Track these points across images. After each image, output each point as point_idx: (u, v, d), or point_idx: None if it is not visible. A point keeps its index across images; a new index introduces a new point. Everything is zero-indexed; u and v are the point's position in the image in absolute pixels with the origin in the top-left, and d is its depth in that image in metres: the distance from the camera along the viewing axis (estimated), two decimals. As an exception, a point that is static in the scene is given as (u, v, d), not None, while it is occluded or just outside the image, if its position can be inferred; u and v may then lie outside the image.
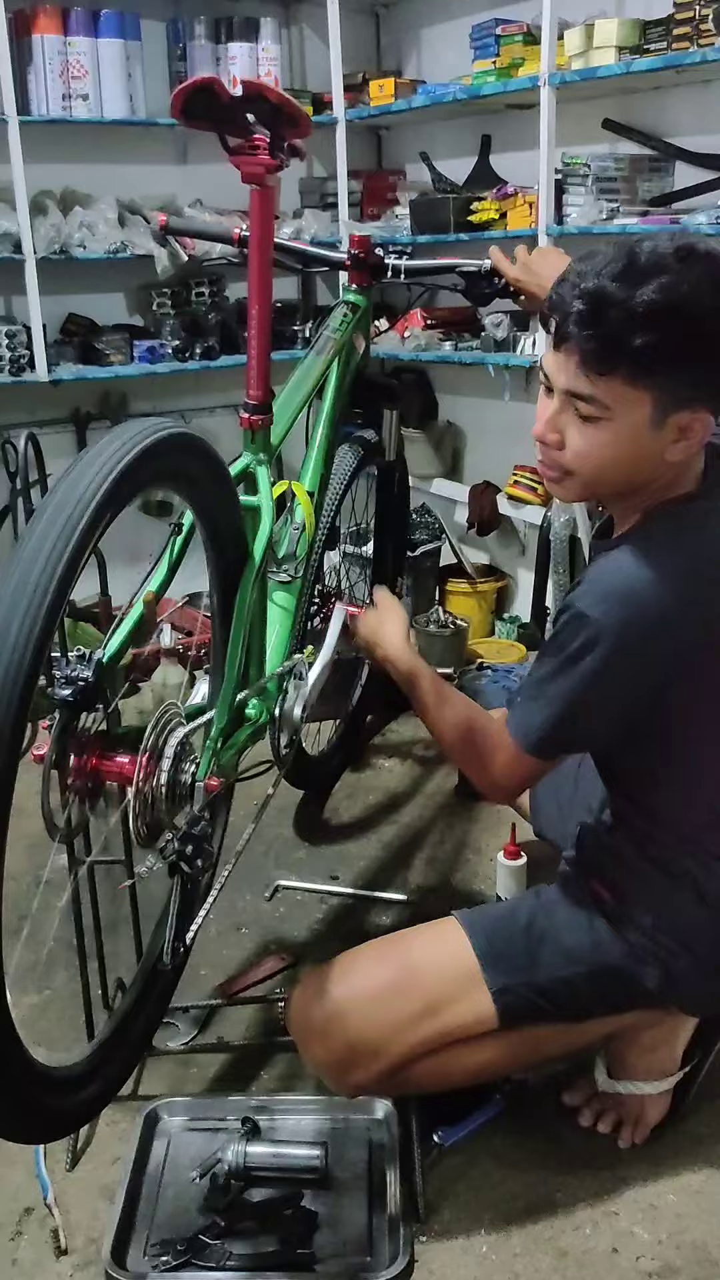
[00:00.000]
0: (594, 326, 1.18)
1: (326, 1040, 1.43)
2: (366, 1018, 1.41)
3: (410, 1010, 1.40)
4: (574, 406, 1.25)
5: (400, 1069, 1.42)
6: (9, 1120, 1.13)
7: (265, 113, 1.38)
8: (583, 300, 1.18)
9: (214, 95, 1.36)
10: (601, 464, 1.27)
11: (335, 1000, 1.43)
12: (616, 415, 1.22)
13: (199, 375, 3.44)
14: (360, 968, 1.47)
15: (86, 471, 1.03)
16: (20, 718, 0.94)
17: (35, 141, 3.01)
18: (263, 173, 1.43)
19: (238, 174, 1.46)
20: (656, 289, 1.15)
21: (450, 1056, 1.42)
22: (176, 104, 1.38)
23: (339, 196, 3.51)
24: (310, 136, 1.45)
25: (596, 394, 1.21)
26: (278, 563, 1.84)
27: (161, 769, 1.28)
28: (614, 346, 1.17)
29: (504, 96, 2.92)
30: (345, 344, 2.05)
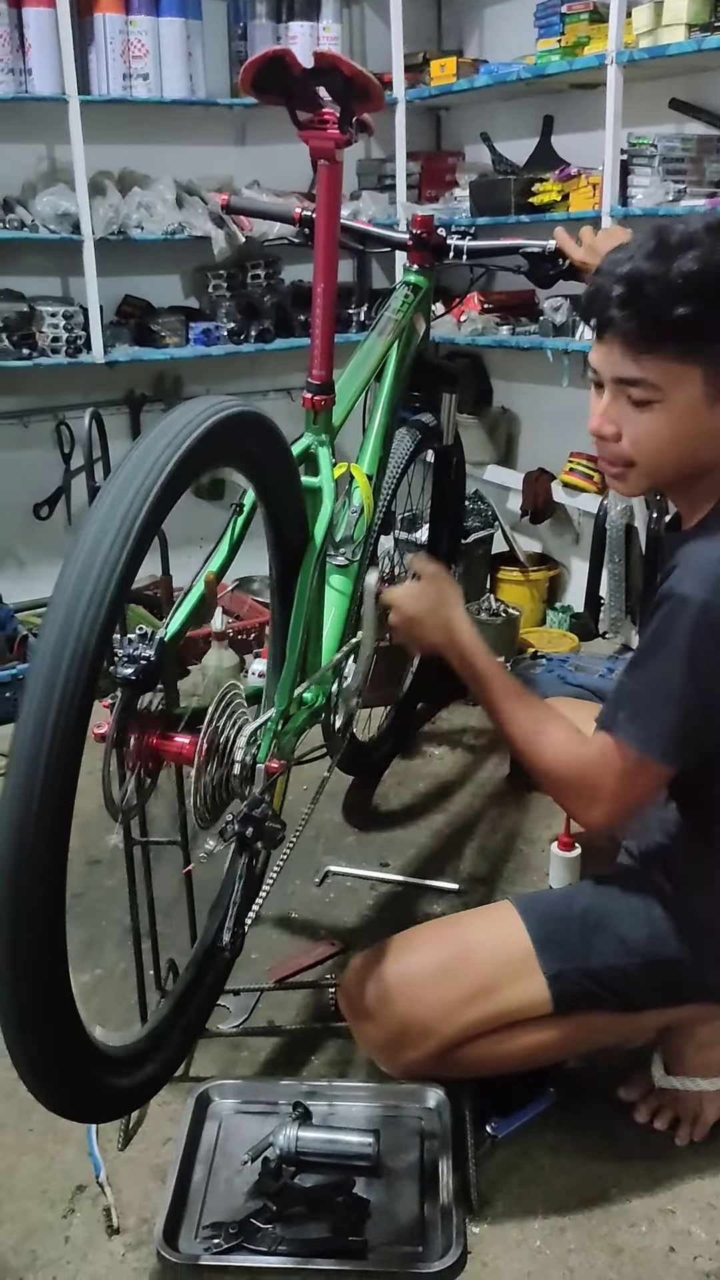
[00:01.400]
0: (633, 305, 1.18)
1: (380, 1019, 1.43)
2: (420, 997, 1.40)
3: (464, 991, 1.39)
4: (626, 395, 1.24)
5: (452, 1050, 1.42)
6: (71, 1098, 1.13)
7: (337, 86, 1.36)
8: (620, 284, 1.19)
9: (285, 68, 1.34)
10: (661, 449, 1.25)
11: (389, 980, 1.42)
12: (669, 395, 1.22)
13: (253, 358, 3.43)
14: (415, 948, 1.46)
15: (154, 448, 1.02)
16: (87, 698, 0.94)
17: (95, 121, 3.01)
18: (332, 147, 1.41)
19: (295, 155, 1.44)
20: (692, 259, 1.16)
21: (503, 1039, 1.42)
22: (247, 77, 1.37)
23: (397, 178, 3.47)
24: (382, 110, 1.43)
25: (646, 375, 1.21)
26: (335, 546, 1.83)
27: (223, 750, 1.27)
28: (656, 322, 1.18)
29: (568, 76, 2.87)
30: (406, 326, 2.02)
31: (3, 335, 3.00)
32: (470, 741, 2.69)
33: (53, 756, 0.92)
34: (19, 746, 0.93)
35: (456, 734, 2.73)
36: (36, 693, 0.92)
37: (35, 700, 0.92)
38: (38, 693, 0.92)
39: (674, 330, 1.18)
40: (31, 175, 3.14)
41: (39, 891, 0.94)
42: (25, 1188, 1.46)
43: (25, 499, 3.33)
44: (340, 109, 1.39)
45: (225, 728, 1.27)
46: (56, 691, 0.92)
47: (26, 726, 0.92)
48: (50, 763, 0.91)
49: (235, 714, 1.29)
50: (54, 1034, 1.01)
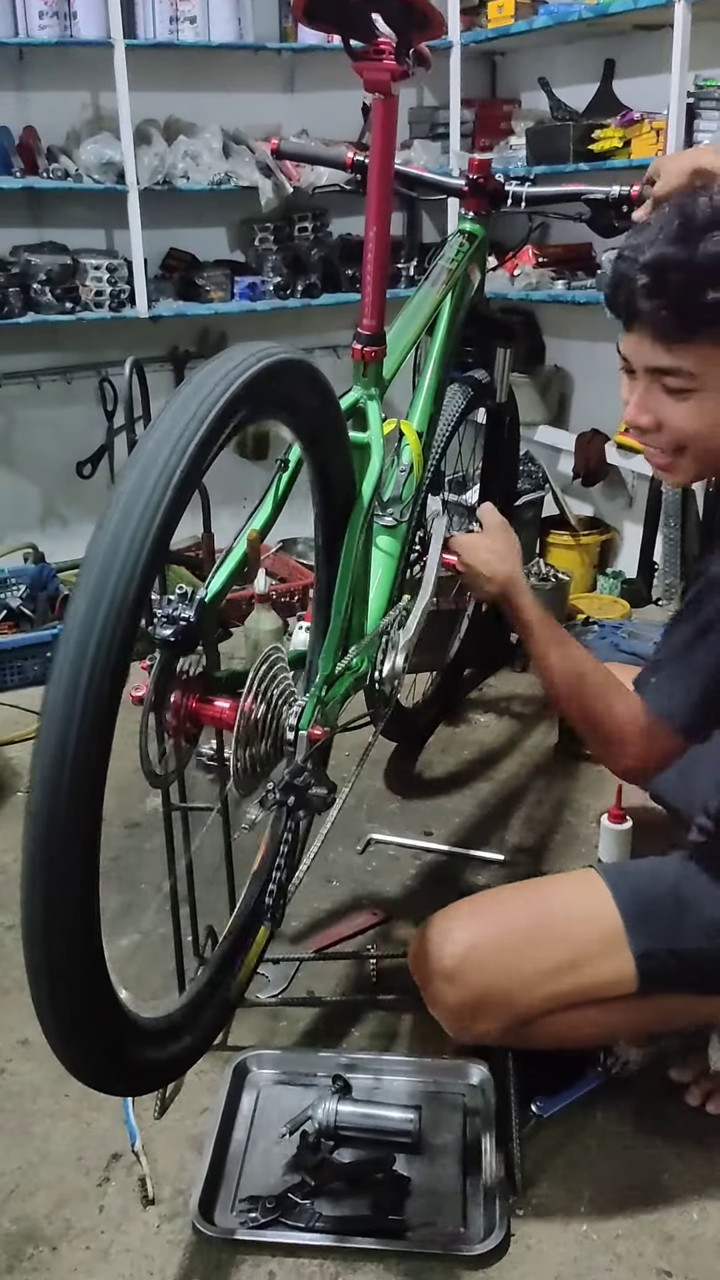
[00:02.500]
0: (662, 295, 1.13)
1: (457, 984, 1.36)
2: (504, 965, 1.34)
3: (550, 963, 1.34)
4: (660, 384, 1.19)
5: (527, 1023, 1.37)
6: (102, 1070, 1.09)
7: (394, 12, 1.28)
8: (645, 272, 1.14)
9: (340, -7, 1.26)
10: (709, 432, 1.20)
11: (471, 943, 1.36)
12: (706, 382, 1.17)
13: (300, 313, 3.35)
14: (501, 913, 1.41)
15: (195, 396, 0.96)
16: (122, 660, 0.89)
17: (141, 67, 2.93)
18: (388, 80, 1.33)
19: (344, 103, 1.38)
20: (718, 241, 1.12)
21: (579, 1015, 1.37)
22: (300, 3, 1.29)
23: (451, 126, 3.36)
24: (443, 35, 1.34)
25: (681, 364, 1.16)
26: (383, 505, 1.76)
27: (266, 715, 1.22)
28: (687, 311, 1.13)
29: (633, 15, 2.74)
30: (460, 276, 1.95)
31: (46, 289, 2.95)
32: (518, 709, 2.63)
33: (85, 719, 0.87)
34: (50, 709, 0.88)
35: (503, 701, 2.67)
36: (69, 654, 0.88)
37: (67, 662, 0.87)
38: (70, 654, 0.87)
39: (707, 317, 1.13)
40: (76, 123, 3.07)
41: (71, 855, 0.90)
42: (60, 1154, 1.44)
43: (68, 457, 3.30)
44: (397, 38, 1.31)
45: (267, 693, 1.22)
46: (89, 653, 0.87)
47: (58, 688, 0.87)
48: (83, 726, 0.87)
49: (278, 679, 1.24)
50: (86, 1003, 0.97)
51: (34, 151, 2.95)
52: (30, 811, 0.90)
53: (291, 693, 1.27)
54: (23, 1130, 1.47)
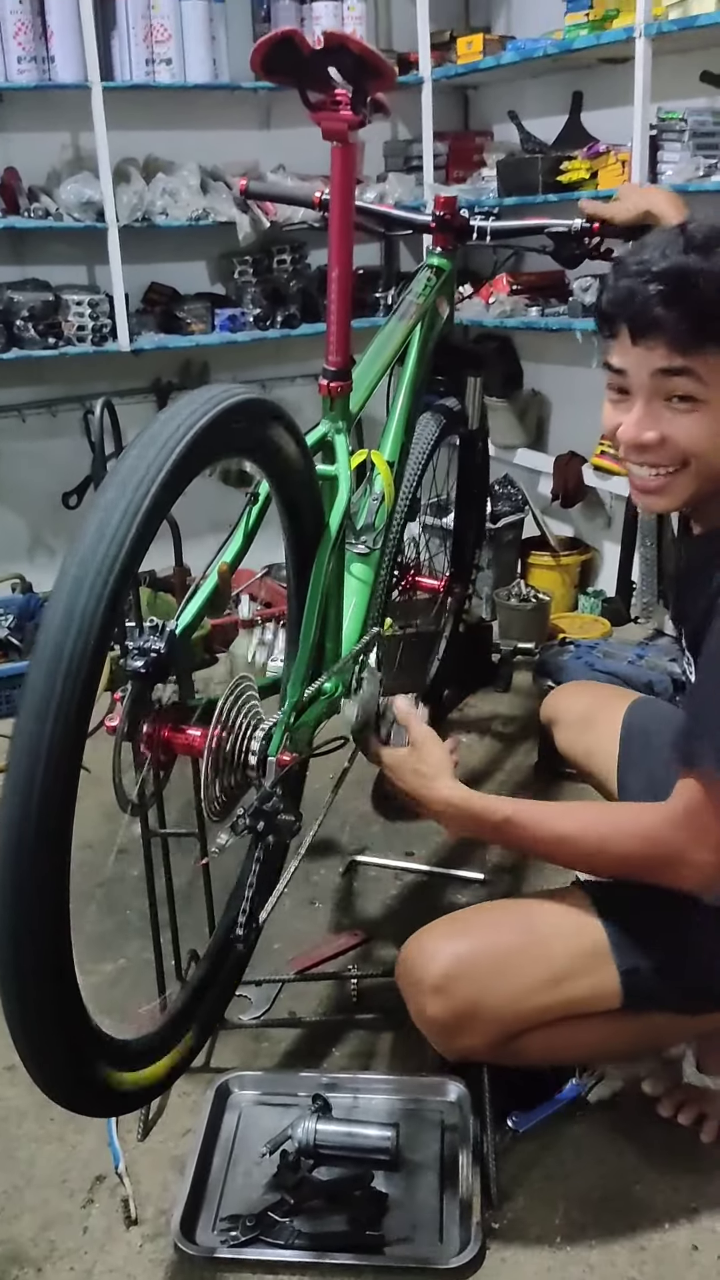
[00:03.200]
0: (684, 302, 1.15)
1: (443, 998, 1.34)
2: (489, 980, 1.34)
3: (535, 978, 1.34)
4: (664, 396, 1.20)
5: (513, 1038, 1.37)
6: (78, 1093, 1.12)
7: (348, 65, 1.33)
8: (662, 280, 1.15)
9: (295, 48, 1.32)
10: (710, 448, 1.21)
11: (458, 958, 1.35)
12: (710, 394, 1.18)
13: (280, 344, 3.41)
14: (487, 928, 1.40)
15: (156, 440, 1.00)
16: (89, 690, 0.93)
17: (118, 108, 2.99)
18: (344, 129, 1.38)
19: (320, 139, 1.41)
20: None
21: (564, 1031, 1.38)
22: (257, 58, 1.35)
23: (424, 159, 3.43)
24: (395, 90, 1.40)
25: (696, 368, 1.17)
26: (356, 534, 1.81)
27: (235, 743, 1.26)
28: (708, 317, 1.15)
29: (597, 50, 2.81)
30: (428, 309, 2.00)
31: (29, 325, 3.01)
32: (498, 729, 2.66)
33: (53, 750, 0.91)
34: (18, 741, 0.92)
35: (485, 721, 2.71)
36: (38, 687, 0.92)
37: (36, 693, 0.91)
38: (39, 686, 0.91)
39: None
40: (56, 163, 3.14)
41: (40, 884, 0.94)
42: (45, 1177, 1.46)
43: (54, 488, 3.34)
44: (353, 89, 1.36)
45: (235, 720, 1.26)
46: (57, 686, 0.91)
47: (27, 720, 0.91)
48: (50, 756, 0.91)
49: (247, 706, 1.28)
50: (58, 1029, 1.00)
51: (15, 191, 3.01)
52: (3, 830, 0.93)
53: (260, 720, 1.31)
54: (8, 1155, 1.50)
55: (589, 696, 1.92)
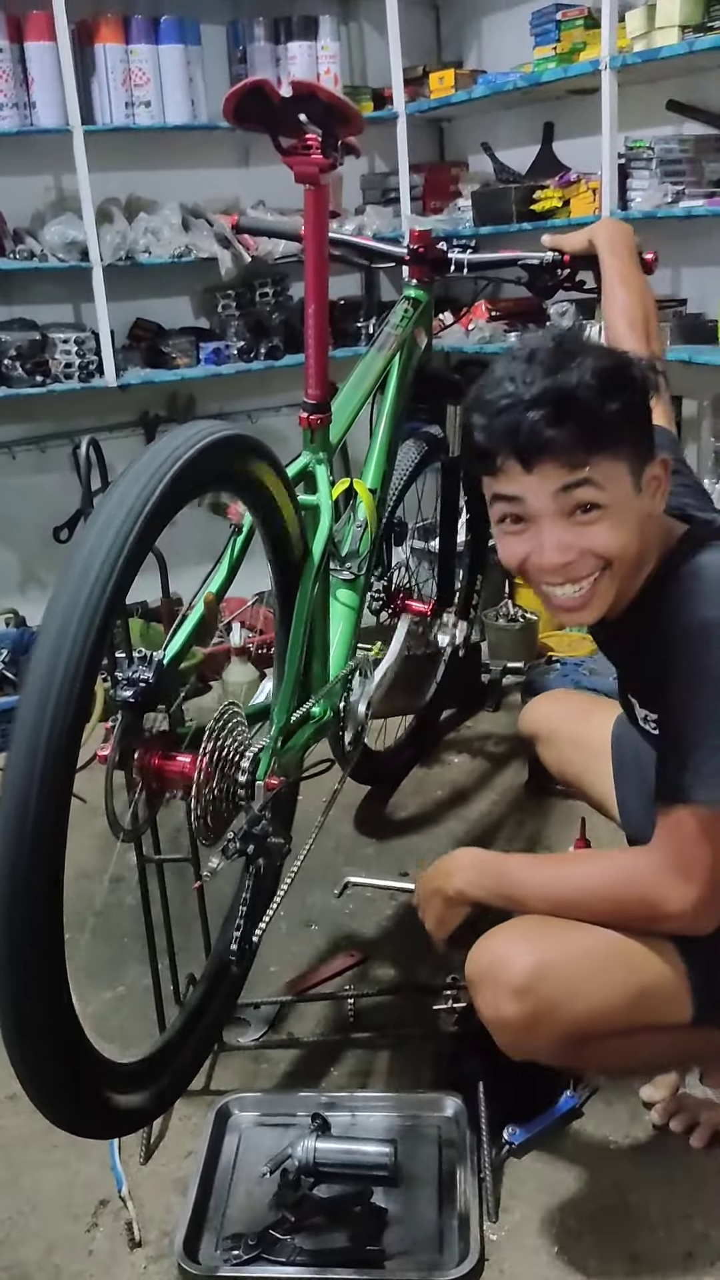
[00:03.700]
0: (570, 418, 1.17)
1: (525, 999, 1.30)
2: (572, 986, 1.31)
3: (619, 989, 1.31)
4: (567, 513, 1.21)
5: (581, 1043, 1.37)
6: (79, 1116, 1.15)
7: (317, 112, 1.38)
8: (539, 405, 1.17)
9: (265, 97, 1.37)
10: (627, 545, 1.23)
11: (547, 961, 1.31)
12: (610, 496, 1.21)
13: (264, 375, 3.46)
14: (572, 934, 1.33)
15: (137, 480, 1.04)
16: (78, 722, 0.96)
17: (100, 150, 3.06)
18: (316, 172, 1.43)
19: (295, 179, 1.46)
20: (587, 367, 1.18)
21: (631, 1040, 1.39)
22: (229, 107, 1.40)
23: (400, 191, 3.50)
24: (364, 133, 1.45)
25: (593, 477, 1.19)
26: (340, 560, 1.85)
27: (223, 768, 1.29)
28: (593, 426, 1.17)
29: (565, 82, 2.88)
30: (407, 339, 2.04)
31: (17, 364, 3.06)
32: (489, 749, 2.70)
33: (44, 782, 0.94)
34: (10, 774, 0.95)
35: (476, 741, 2.74)
36: (27, 721, 0.95)
37: (26, 728, 0.95)
38: (29, 721, 0.95)
39: (611, 428, 1.18)
40: (40, 205, 3.20)
41: (34, 912, 0.97)
42: (49, 1202, 1.48)
43: (45, 522, 3.38)
44: (323, 133, 1.41)
45: (223, 746, 1.29)
46: (46, 721, 0.94)
47: (18, 754, 0.95)
48: (42, 788, 0.94)
49: (234, 732, 1.31)
50: (56, 1054, 1.03)
51: (1, 234, 3.07)
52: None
53: (248, 745, 1.34)
54: (12, 1181, 1.52)
55: (568, 709, 1.95)
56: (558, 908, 1.34)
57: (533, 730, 1.97)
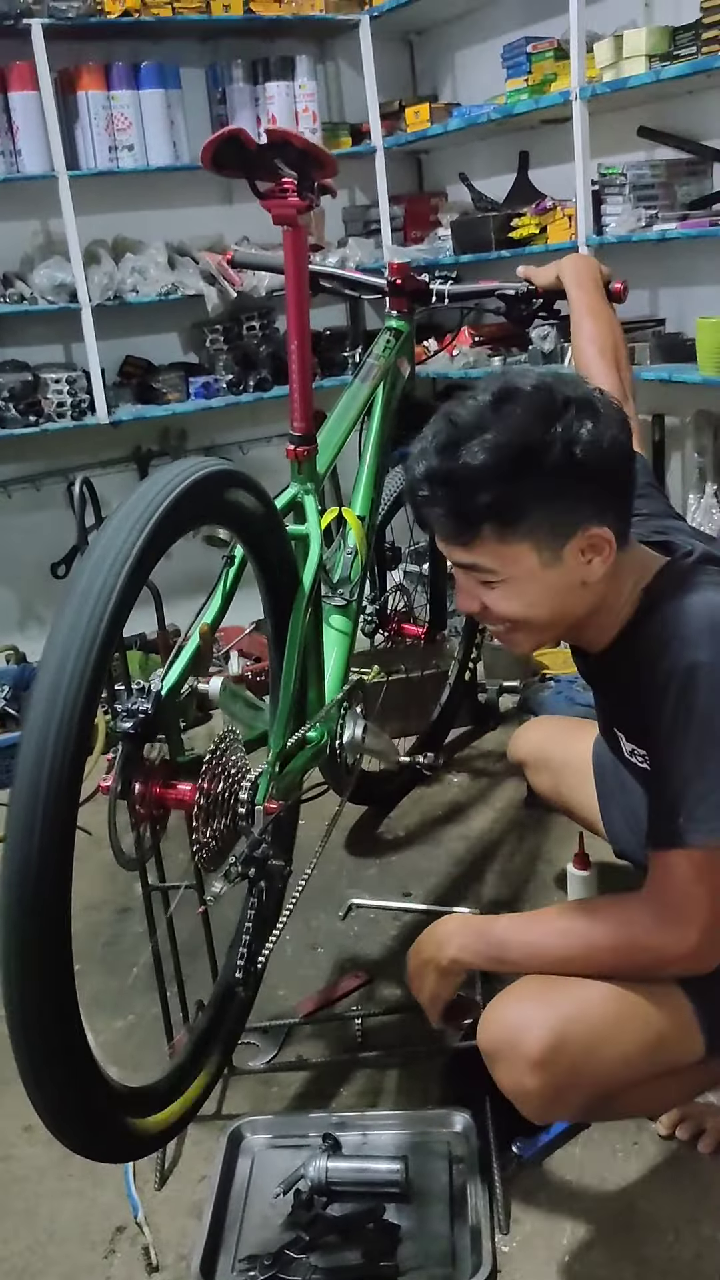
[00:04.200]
0: (442, 504, 1.18)
1: (548, 1069, 1.26)
2: (590, 1050, 1.28)
3: (635, 1043, 1.29)
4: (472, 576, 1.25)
5: (607, 1099, 1.37)
6: (93, 1140, 1.17)
7: (292, 157, 1.43)
8: (423, 483, 1.19)
9: (241, 145, 1.42)
10: (529, 612, 1.25)
11: (562, 1026, 1.27)
12: (507, 573, 1.21)
13: (254, 407, 3.51)
14: (578, 994, 1.30)
15: (128, 519, 1.08)
16: (78, 757, 0.99)
17: (85, 194, 3.13)
18: (293, 214, 1.48)
19: (275, 220, 1.51)
20: (480, 447, 1.15)
21: (658, 1086, 1.39)
22: (206, 156, 1.44)
23: (382, 222, 3.57)
24: (340, 172, 1.50)
25: (479, 561, 1.21)
26: (332, 587, 1.88)
27: (223, 794, 1.32)
28: (466, 515, 1.17)
29: (538, 113, 2.95)
30: (389, 369, 2.09)
31: (10, 405, 3.11)
32: (487, 767, 2.73)
33: (47, 816, 0.97)
34: (14, 809, 0.98)
35: (474, 760, 2.77)
36: (29, 758, 0.98)
37: (28, 764, 0.98)
38: (30, 757, 0.98)
39: (484, 517, 1.17)
40: (28, 249, 3.27)
41: (44, 941, 0.99)
42: (67, 1231, 1.50)
43: (43, 559, 3.43)
44: (298, 176, 1.46)
45: (222, 773, 1.32)
46: (48, 757, 0.98)
47: (21, 790, 0.98)
48: (45, 822, 0.97)
49: (232, 758, 1.35)
50: (68, 1079, 1.06)
51: (-10, 279, 3.14)
52: (5, 895, 0.99)
53: (246, 770, 1.38)
54: (30, 1212, 1.54)
55: (552, 733, 1.98)
56: (557, 966, 1.31)
57: (521, 757, 2.01)
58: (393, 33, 3.66)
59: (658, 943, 1.25)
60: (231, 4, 3.26)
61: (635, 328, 2.85)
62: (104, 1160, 1.29)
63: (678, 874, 1.22)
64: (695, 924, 1.22)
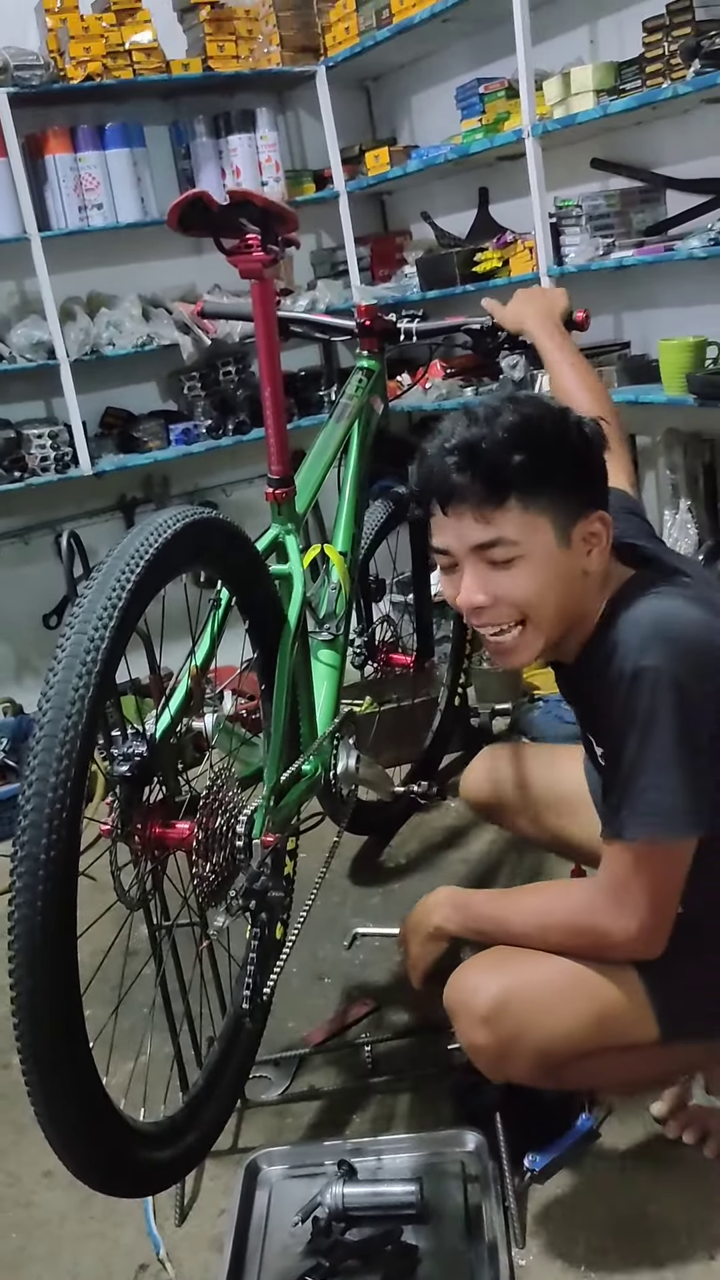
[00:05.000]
0: (473, 465, 1.26)
1: (493, 1027, 1.39)
2: (533, 1015, 1.38)
3: (578, 1016, 1.38)
4: (485, 561, 1.29)
5: (556, 1067, 1.43)
6: (114, 1177, 1.20)
7: (254, 214, 1.49)
8: (452, 454, 1.27)
9: (204, 207, 1.48)
10: (543, 597, 1.29)
11: (509, 990, 1.39)
12: (527, 547, 1.28)
13: (234, 450, 3.58)
14: (532, 965, 1.41)
15: (111, 573, 1.12)
16: (76, 806, 1.04)
17: (58, 253, 3.21)
18: (259, 268, 1.54)
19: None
20: (510, 414, 1.27)
21: (607, 1061, 1.44)
22: (172, 219, 1.51)
23: (349, 263, 3.65)
24: (299, 227, 1.56)
25: (503, 534, 1.27)
26: (319, 622, 1.93)
27: (221, 830, 1.36)
28: (497, 475, 1.25)
29: (493, 151, 3.03)
30: (363, 407, 2.15)
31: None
32: (483, 790, 2.76)
33: (49, 865, 1.01)
34: (17, 860, 1.02)
35: (469, 785, 2.80)
36: (28, 810, 1.03)
37: (28, 816, 1.02)
38: (29, 810, 1.03)
39: (514, 479, 1.25)
40: (4, 310, 3.34)
41: (53, 987, 1.03)
42: (91, 1273, 1.52)
43: (35, 610, 3.48)
44: (261, 231, 1.52)
45: (218, 810, 1.36)
46: (46, 808, 1.02)
47: (22, 841, 1.02)
48: (48, 872, 1.01)
49: (228, 795, 1.39)
50: (83, 1117, 1.09)
51: (-31, 341, 3.21)
52: (12, 944, 1.03)
53: (242, 806, 1.42)
54: (53, 1256, 1.56)
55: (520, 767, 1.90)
56: (518, 939, 1.43)
57: (483, 799, 1.93)
58: (349, 81, 3.76)
59: (602, 927, 1.34)
60: (190, 63, 3.36)
61: (601, 352, 2.92)
62: (123, 1195, 1.31)
63: (620, 864, 1.31)
64: (635, 912, 1.31)
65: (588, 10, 2.94)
